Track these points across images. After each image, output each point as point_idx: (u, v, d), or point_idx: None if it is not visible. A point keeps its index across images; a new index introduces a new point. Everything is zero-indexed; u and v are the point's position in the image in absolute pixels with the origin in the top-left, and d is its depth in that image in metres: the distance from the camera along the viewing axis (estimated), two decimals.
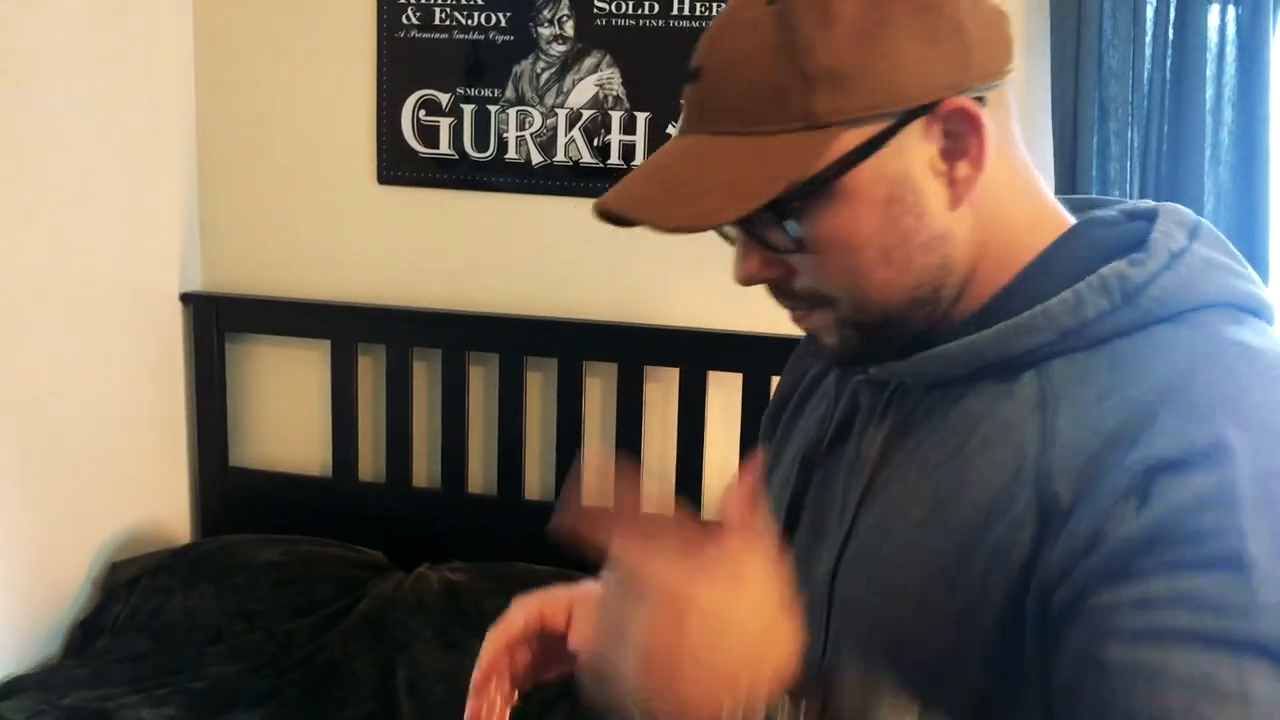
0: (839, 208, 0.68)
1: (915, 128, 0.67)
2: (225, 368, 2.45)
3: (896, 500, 0.73)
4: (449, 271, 2.37)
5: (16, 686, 1.95)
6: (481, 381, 2.36)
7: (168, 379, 2.43)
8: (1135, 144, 1.89)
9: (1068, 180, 1.93)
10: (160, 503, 2.43)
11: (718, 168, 0.68)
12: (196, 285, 2.47)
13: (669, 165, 0.71)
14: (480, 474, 2.38)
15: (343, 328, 2.37)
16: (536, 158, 2.29)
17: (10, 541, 2.05)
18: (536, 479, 2.36)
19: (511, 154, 2.30)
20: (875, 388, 0.78)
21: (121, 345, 2.29)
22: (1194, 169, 1.85)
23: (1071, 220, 0.74)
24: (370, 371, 2.40)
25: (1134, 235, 0.71)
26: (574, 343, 2.27)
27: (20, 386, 2.04)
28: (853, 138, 0.66)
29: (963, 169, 0.68)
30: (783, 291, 0.74)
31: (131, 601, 2.18)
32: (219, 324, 2.42)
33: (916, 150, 0.67)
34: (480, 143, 2.31)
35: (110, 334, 2.25)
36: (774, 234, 0.70)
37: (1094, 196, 0.85)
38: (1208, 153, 1.84)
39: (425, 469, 2.41)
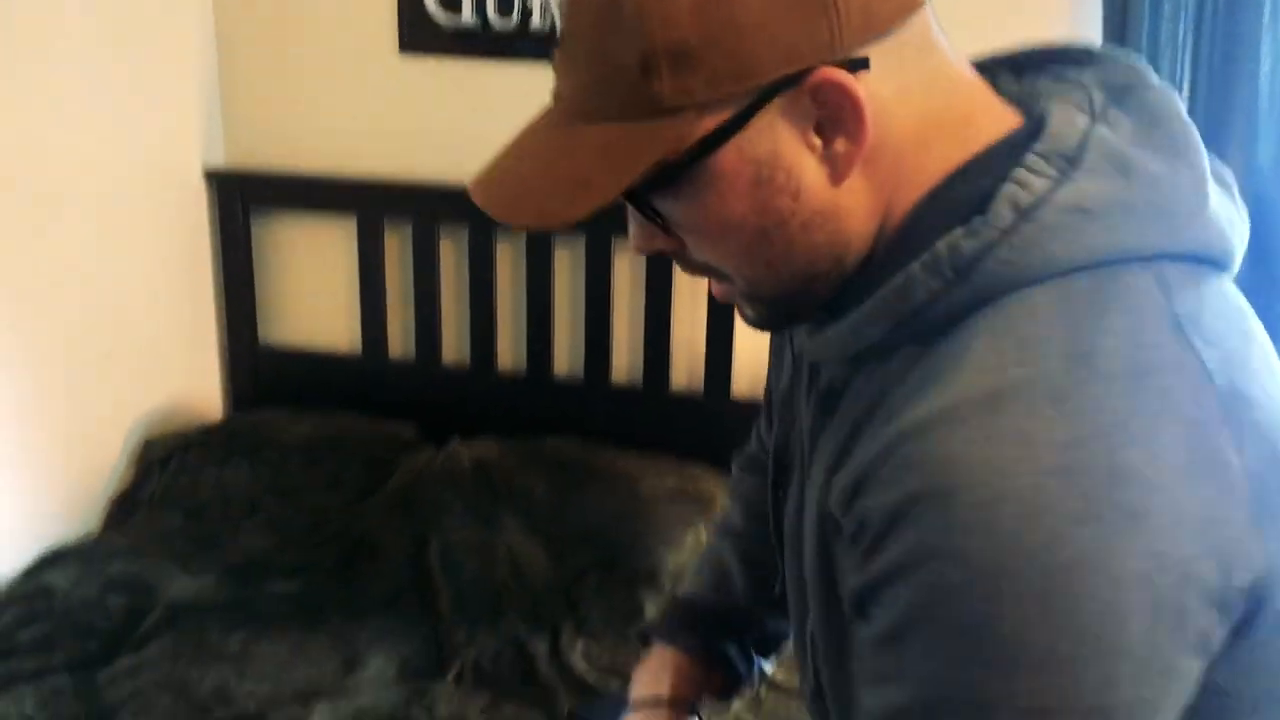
0: (703, 193, 0.63)
1: (780, 104, 0.60)
2: (251, 245, 2.43)
3: (815, 479, 0.72)
4: (474, 145, 2.29)
5: (60, 557, 2.00)
6: (509, 258, 2.33)
7: (194, 257, 2.42)
8: (1190, 2, 1.80)
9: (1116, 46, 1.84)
10: (191, 381, 2.45)
11: (566, 160, 0.64)
12: (220, 161, 2.44)
13: (529, 149, 0.66)
14: (509, 351, 2.38)
15: (368, 204, 2.34)
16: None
17: (47, 418, 2.07)
18: (565, 356, 2.35)
19: (536, 23, 2.22)
20: None
21: (147, 224, 2.27)
22: (1251, 28, 1.76)
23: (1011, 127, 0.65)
24: (397, 248, 2.38)
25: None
26: (601, 217, 2.22)
27: (48, 267, 2.04)
28: (708, 121, 0.60)
29: (841, 144, 0.61)
30: (683, 262, 0.70)
31: (166, 477, 2.21)
32: (244, 201, 2.40)
33: (785, 127, 0.61)
34: (504, 8, 2.23)
35: (135, 213, 2.23)
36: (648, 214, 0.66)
37: (1058, 48, 0.72)
38: (1266, 9, 1.74)
39: (454, 346, 2.40)
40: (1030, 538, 0.54)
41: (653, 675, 1.00)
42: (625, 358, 2.32)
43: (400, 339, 2.42)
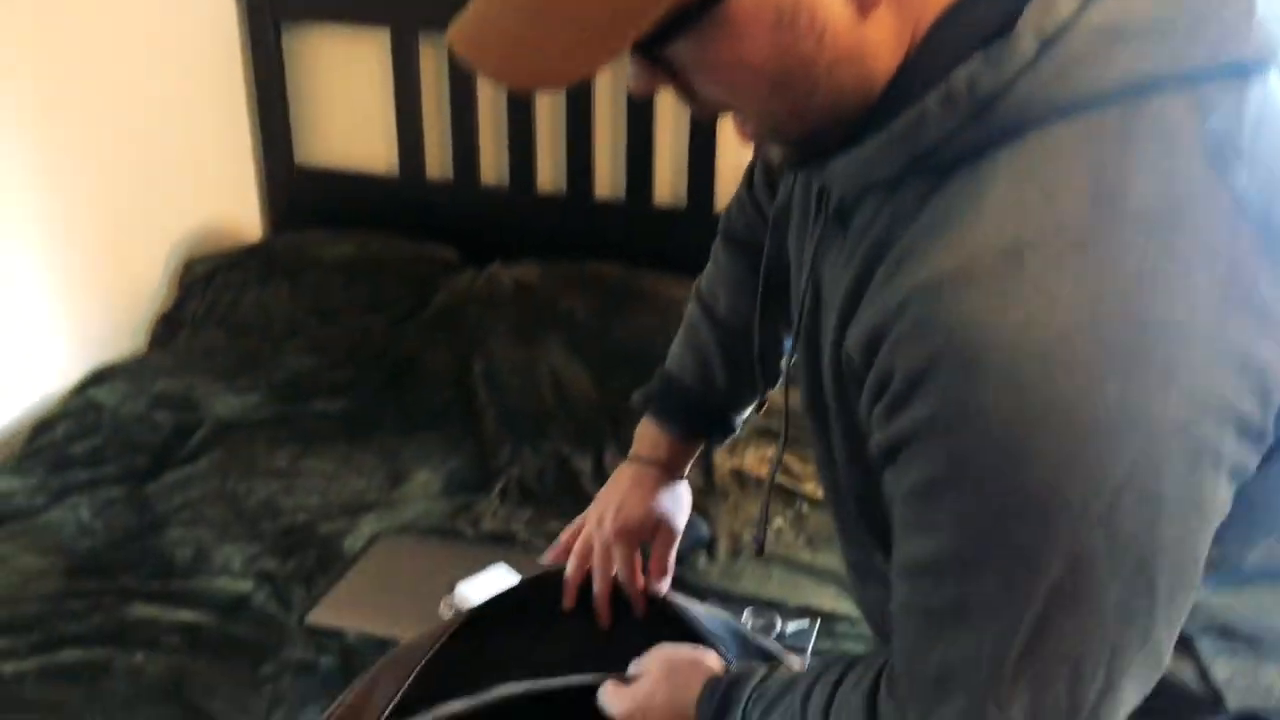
0: (719, 39, 0.57)
1: None
2: (284, 60, 2.36)
3: (827, 320, 0.70)
4: None
5: (108, 374, 2.01)
6: None
7: (227, 74, 2.35)
8: None
9: None
10: (229, 201, 2.42)
11: (561, 11, 0.56)
12: None
13: None
14: (549, 172, 2.32)
15: (401, 14, 2.25)
16: None
17: (88, 238, 2.06)
18: (606, 177, 2.29)
19: None
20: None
21: (176, 38, 2.20)
22: None
23: None
24: (433, 62, 2.30)
25: None
26: None
27: (80, 89, 1.99)
28: None
29: None
30: (694, 103, 0.64)
31: (208, 297, 2.21)
32: (273, 12, 2.31)
33: None
34: None
35: (163, 26, 2.16)
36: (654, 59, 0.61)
37: None
38: None
39: (493, 167, 2.34)
40: (1058, 398, 0.52)
41: (650, 442, 1.05)
42: (668, 177, 2.25)
43: (438, 159, 2.37)
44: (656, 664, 0.89)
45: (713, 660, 0.88)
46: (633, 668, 0.91)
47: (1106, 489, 0.53)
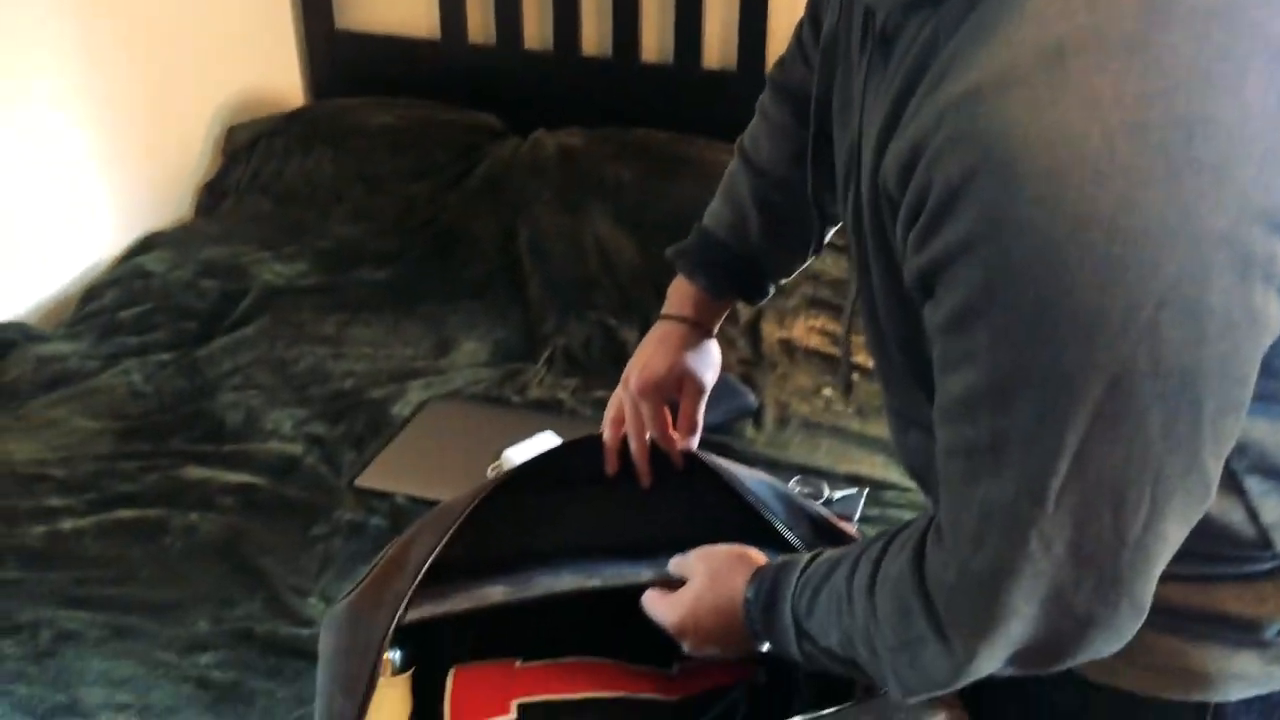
0: None
1: None
2: None
3: (868, 146, 0.65)
4: None
5: (155, 242, 2.02)
6: None
7: None
8: None
9: None
10: (270, 67, 2.38)
11: None
12: None
13: None
14: (594, 34, 2.24)
15: None
16: None
17: (131, 106, 2.04)
18: (654, 39, 2.21)
19: None
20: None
21: None
22: None
23: None
24: None
25: None
26: None
27: None
28: None
29: None
30: None
31: (252, 164, 2.19)
32: None
33: None
34: None
35: None
36: None
37: None
38: None
39: (537, 29, 2.27)
40: (1101, 204, 0.49)
41: (678, 299, 1.03)
42: (718, 39, 2.17)
43: (480, 21, 2.30)
44: (700, 565, 0.87)
45: (754, 554, 0.86)
46: (673, 567, 0.90)
47: (1149, 301, 0.50)
